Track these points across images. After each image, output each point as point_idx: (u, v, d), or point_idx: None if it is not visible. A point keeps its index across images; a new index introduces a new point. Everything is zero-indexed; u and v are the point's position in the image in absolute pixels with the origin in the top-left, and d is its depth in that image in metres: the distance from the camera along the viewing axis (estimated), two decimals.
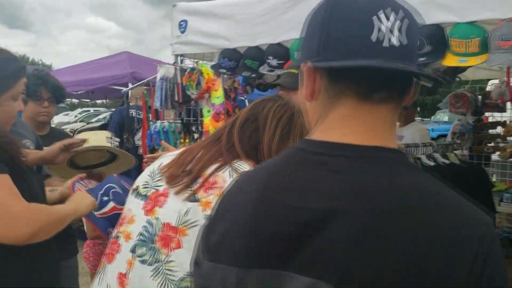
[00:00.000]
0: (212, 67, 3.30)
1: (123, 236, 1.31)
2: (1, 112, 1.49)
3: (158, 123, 3.50)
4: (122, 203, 1.55)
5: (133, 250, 1.25)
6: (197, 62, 3.34)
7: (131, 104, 5.18)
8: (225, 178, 1.21)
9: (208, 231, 0.80)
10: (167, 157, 1.36)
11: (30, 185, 1.49)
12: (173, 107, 3.51)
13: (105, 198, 1.72)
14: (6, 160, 1.38)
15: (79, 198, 1.60)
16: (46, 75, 2.38)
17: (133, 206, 1.33)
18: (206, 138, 1.39)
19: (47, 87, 2.35)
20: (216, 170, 1.23)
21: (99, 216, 1.69)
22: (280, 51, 2.99)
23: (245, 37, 3.17)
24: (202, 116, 3.54)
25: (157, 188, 1.30)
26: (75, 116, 19.81)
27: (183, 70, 3.48)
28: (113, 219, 1.55)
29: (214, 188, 1.20)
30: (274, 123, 1.31)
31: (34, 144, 2.03)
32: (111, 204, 1.70)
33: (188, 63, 3.78)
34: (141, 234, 1.26)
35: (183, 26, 3.63)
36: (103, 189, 1.76)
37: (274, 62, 3.00)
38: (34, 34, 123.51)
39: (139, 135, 4.63)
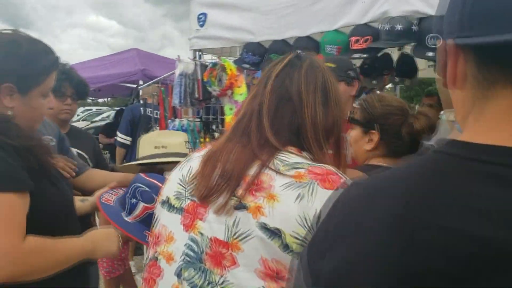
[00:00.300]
0: (235, 62, 3.12)
1: (163, 258, 1.10)
2: (29, 110, 1.30)
3: (177, 121, 3.32)
4: (152, 200, 1.50)
5: (178, 274, 1.05)
6: (219, 57, 3.15)
7: (142, 102, 5.02)
8: (271, 175, 1.01)
9: (315, 255, 0.61)
10: (194, 160, 1.15)
11: (62, 192, 1.32)
12: (192, 105, 3.33)
13: (134, 200, 1.59)
14: (35, 167, 1.20)
15: (102, 237, 1.38)
16: (69, 70, 2.18)
17: (168, 221, 1.12)
18: (229, 135, 1.12)
19: (71, 83, 2.16)
20: (259, 168, 1.03)
21: (131, 220, 1.57)
22: (310, 45, 2.81)
23: (271, 30, 2.99)
24: (222, 114, 3.36)
25: (193, 198, 1.10)
26: (78, 115, 19.64)
27: (203, 66, 3.30)
28: (146, 221, 1.48)
29: (261, 189, 1.00)
30: (312, 96, 1.08)
31: (56, 141, 1.85)
32: (141, 205, 1.57)
33: (207, 58, 3.61)
34: (185, 254, 1.06)
35: (202, 19, 3.45)
36: (130, 191, 1.63)
37: None
38: (35, 33, 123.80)
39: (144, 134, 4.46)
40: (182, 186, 1.11)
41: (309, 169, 0.98)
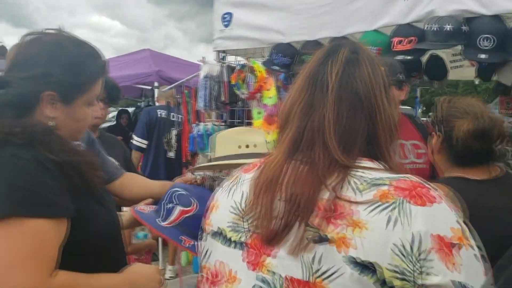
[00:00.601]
0: (264, 63, 2.97)
1: None
2: (73, 121, 1.15)
3: (202, 125, 3.17)
4: (189, 204, 1.48)
5: None
6: (247, 58, 3.01)
7: (157, 103, 4.87)
8: (350, 197, 0.85)
9: None
10: (245, 184, 0.97)
11: (109, 210, 1.17)
12: (217, 108, 3.19)
13: (170, 205, 1.51)
14: (80, 185, 1.06)
15: (143, 278, 1.19)
16: None
17: (226, 257, 0.95)
18: (285, 154, 0.94)
19: (104, 87, 2.02)
20: (333, 190, 0.86)
21: (167, 226, 1.48)
22: None
23: (303, 30, 2.84)
24: (248, 117, 3.21)
25: (256, 231, 0.90)
26: None
27: (229, 68, 3.15)
28: (183, 226, 1.46)
29: (341, 216, 0.83)
30: (380, 97, 0.92)
31: (85, 145, 1.71)
32: (178, 209, 1.50)
33: (230, 59, 3.46)
34: None
35: (227, 19, 3.30)
36: (166, 197, 1.54)
37: None
38: None
39: (166, 137, 4.33)
40: (238, 215, 0.94)
41: (392, 184, 0.82)
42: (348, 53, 0.95)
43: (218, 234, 0.97)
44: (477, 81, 3.74)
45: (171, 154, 4.32)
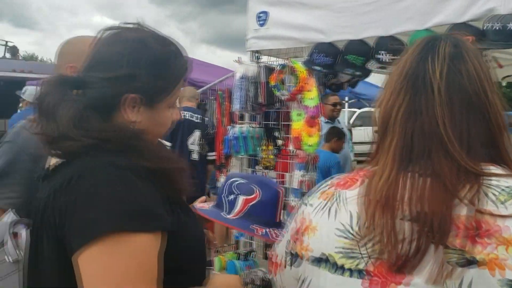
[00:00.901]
0: (304, 63, 2.87)
1: None
2: (155, 125, 1.04)
3: (237, 127, 3.08)
4: (251, 191, 1.46)
5: None
6: (288, 58, 2.91)
7: (181, 105, 4.78)
8: (492, 210, 0.75)
9: None
10: (351, 203, 0.86)
11: (196, 223, 1.07)
12: (253, 110, 3.09)
13: (231, 197, 1.47)
14: (171, 194, 0.96)
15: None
16: None
17: (337, 286, 0.84)
18: (393, 165, 0.84)
19: None
20: (471, 205, 0.76)
21: (234, 218, 1.44)
22: (394, 45, 2.56)
23: (347, 29, 2.75)
24: (285, 119, 3.12)
25: (381, 257, 0.79)
26: None
27: (267, 68, 3.06)
28: (251, 215, 1.43)
29: (488, 234, 0.73)
30: (492, 93, 0.84)
31: None
32: (241, 198, 1.46)
33: (264, 60, 3.37)
34: None
35: (262, 18, 3.21)
36: (225, 189, 1.51)
37: (386, 57, 2.57)
38: (40, 33, 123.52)
39: (191, 139, 4.24)
40: (352, 240, 0.83)
41: None
42: (450, 48, 0.86)
43: (323, 260, 0.86)
44: None
45: (195, 156, 4.23)
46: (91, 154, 0.90)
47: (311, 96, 2.80)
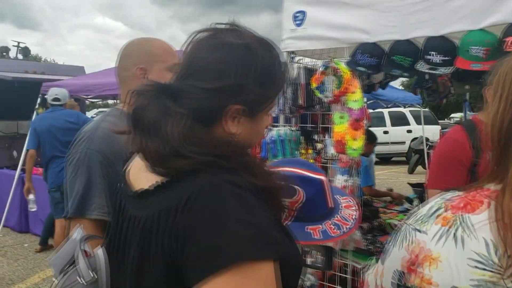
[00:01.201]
0: (348, 64, 2.78)
1: None
2: (252, 136, 0.95)
3: (275, 131, 2.98)
4: (293, 193, 1.38)
5: None
6: (331, 59, 2.82)
7: None
8: None
9: None
10: (481, 228, 0.77)
11: (295, 245, 0.97)
12: (291, 112, 3.00)
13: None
14: (277, 215, 0.87)
15: None
16: None
17: None
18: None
19: None
20: None
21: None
22: (445, 46, 2.48)
23: (393, 29, 2.66)
24: (323, 122, 3.03)
25: None
26: (91, 117, 19.30)
27: (307, 70, 2.97)
28: (299, 215, 1.33)
29: None
30: None
31: None
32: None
33: (307, 60, 3.28)
34: None
35: (299, 18, 3.12)
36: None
37: (437, 58, 2.48)
38: (42, 34, 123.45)
39: None
40: (490, 271, 0.73)
41: None
42: None
43: None
44: None
45: None
46: (205, 171, 0.80)
47: (355, 98, 2.71)
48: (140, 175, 0.90)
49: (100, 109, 21.25)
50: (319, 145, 2.96)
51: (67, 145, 4.62)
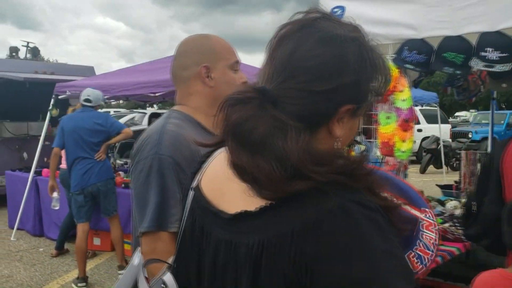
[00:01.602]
0: (394, 61, 2.66)
1: None
2: (349, 138, 0.81)
3: None
4: None
5: None
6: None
7: None
8: None
9: None
10: None
11: None
12: None
13: None
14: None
15: None
16: None
17: None
18: None
19: None
20: None
21: None
22: (503, 42, 2.36)
23: (443, 24, 2.54)
24: (365, 123, 2.90)
25: None
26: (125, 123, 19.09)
27: None
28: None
29: None
30: None
31: None
32: None
33: None
34: None
35: (338, 14, 2.99)
36: None
37: (493, 55, 2.36)
38: (43, 34, 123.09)
39: None
40: None
41: None
42: None
43: None
44: None
45: None
46: (325, 192, 0.68)
47: (404, 97, 2.58)
48: (228, 193, 0.78)
49: (104, 110, 21.09)
50: (362, 147, 2.83)
51: (93, 147, 4.44)
